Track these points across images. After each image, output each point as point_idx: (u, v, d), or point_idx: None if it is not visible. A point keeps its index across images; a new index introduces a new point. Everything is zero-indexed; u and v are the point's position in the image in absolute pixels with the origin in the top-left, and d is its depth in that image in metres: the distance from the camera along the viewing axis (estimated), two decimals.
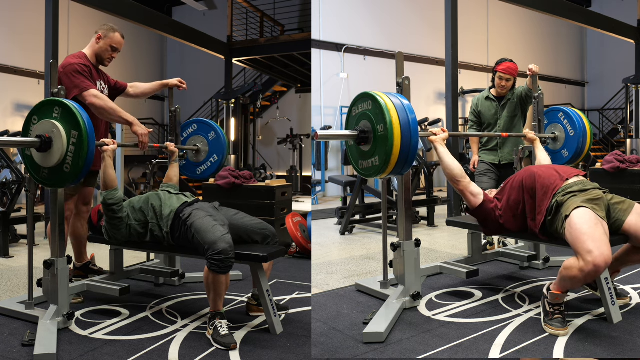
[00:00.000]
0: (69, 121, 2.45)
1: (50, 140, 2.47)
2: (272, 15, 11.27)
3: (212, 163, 3.61)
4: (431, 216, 5.83)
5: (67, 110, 2.47)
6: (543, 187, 2.73)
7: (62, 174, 2.48)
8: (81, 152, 2.41)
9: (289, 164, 10.82)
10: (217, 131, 3.61)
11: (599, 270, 2.31)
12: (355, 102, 2.66)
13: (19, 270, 4.02)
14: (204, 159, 3.62)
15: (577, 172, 2.81)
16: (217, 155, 3.60)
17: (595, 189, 2.66)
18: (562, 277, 2.45)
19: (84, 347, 2.43)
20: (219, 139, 3.60)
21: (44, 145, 2.47)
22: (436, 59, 10.94)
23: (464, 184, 2.89)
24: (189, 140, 3.66)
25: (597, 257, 2.30)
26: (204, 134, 3.63)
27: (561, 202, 2.61)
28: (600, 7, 13.71)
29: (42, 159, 2.52)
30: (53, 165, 2.49)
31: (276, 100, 12.15)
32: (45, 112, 2.54)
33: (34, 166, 2.58)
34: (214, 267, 2.48)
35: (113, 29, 3.30)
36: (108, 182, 2.81)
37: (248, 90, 9.77)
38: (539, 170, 2.83)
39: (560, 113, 3.65)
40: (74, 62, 3.13)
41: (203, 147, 3.63)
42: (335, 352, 2.33)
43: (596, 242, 2.34)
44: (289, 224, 4.44)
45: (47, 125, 2.49)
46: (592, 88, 15.38)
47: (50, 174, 2.53)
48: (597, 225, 2.43)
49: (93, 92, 3.09)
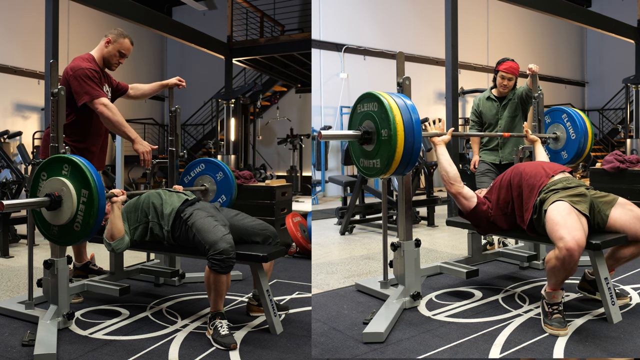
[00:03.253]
0: (78, 179, 2.42)
1: (60, 198, 2.44)
2: (272, 15, 11.27)
3: (221, 203, 3.49)
4: (431, 216, 5.83)
5: (76, 168, 2.43)
6: (529, 185, 2.78)
7: (73, 233, 2.46)
8: (92, 210, 2.38)
9: (289, 164, 10.82)
10: (225, 171, 3.52)
11: (573, 254, 2.35)
12: (361, 100, 2.67)
13: (19, 270, 4.02)
14: (212, 199, 3.53)
15: (563, 168, 2.86)
16: (226, 196, 3.52)
17: (579, 186, 2.70)
18: (547, 272, 2.51)
19: (84, 347, 2.43)
20: (227, 179, 3.52)
21: (53, 204, 2.44)
22: (436, 59, 10.94)
23: (458, 187, 2.91)
24: (197, 180, 3.59)
25: (568, 242, 2.35)
26: (211, 174, 3.55)
27: (543, 199, 2.67)
28: (600, 7, 13.71)
29: (52, 216, 2.49)
30: (63, 223, 2.46)
31: (276, 100, 12.15)
32: (54, 168, 2.50)
33: (44, 223, 2.55)
34: (215, 267, 2.48)
35: (123, 34, 3.26)
36: (115, 233, 2.73)
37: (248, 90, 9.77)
38: (526, 168, 2.87)
39: (564, 114, 3.65)
40: (84, 66, 3.09)
41: (211, 187, 3.55)
42: (335, 352, 2.33)
43: (567, 228, 2.40)
44: (289, 224, 4.44)
45: (57, 183, 2.45)
46: (592, 88, 15.38)
47: (60, 231, 2.51)
48: (570, 214, 2.48)
49: (103, 101, 3.06)
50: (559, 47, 14.49)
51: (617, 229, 2.64)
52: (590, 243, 2.50)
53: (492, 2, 12.04)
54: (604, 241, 2.54)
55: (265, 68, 10.56)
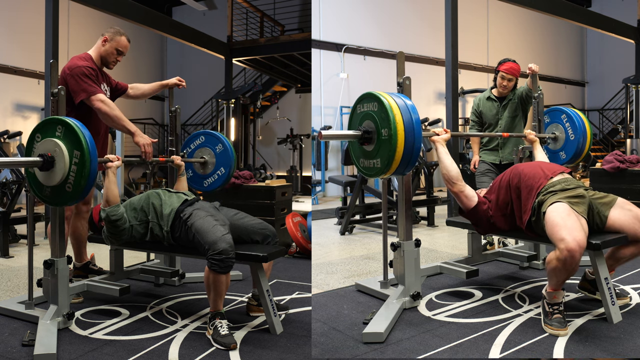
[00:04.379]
0: (71, 140, 2.43)
1: (52, 159, 2.46)
2: (272, 15, 11.27)
3: (219, 176, 3.54)
4: (431, 216, 5.83)
5: (69, 130, 2.45)
6: (527, 187, 2.78)
7: (65, 194, 2.47)
8: (83, 171, 2.40)
9: (289, 164, 10.82)
10: (225, 144, 3.54)
11: (574, 255, 2.35)
12: (361, 100, 2.67)
13: (19, 270, 4.02)
14: (211, 171, 3.56)
15: (562, 169, 2.85)
16: (225, 168, 3.54)
17: (577, 188, 2.70)
18: (548, 272, 2.50)
19: (84, 347, 2.43)
20: (226, 152, 3.53)
21: (46, 165, 2.46)
22: (436, 59, 10.94)
23: (459, 186, 2.91)
24: (196, 152, 3.61)
25: (569, 242, 2.35)
26: (211, 146, 3.57)
27: (542, 201, 2.67)
28: (600, 7, 13.71)
29: (45, 177, 2.51)
30: (55, 184, 2.48)
31: (276, 100, 12.15)
32: (48, 130, 2.52)
33: (37, 184, 2.57)
34: (214, 267, 2.48)
35: (119, 32, 3.29)
36: (111, 199, 2.77)
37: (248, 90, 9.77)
38: (525, 169, 2.87)
39: (564, 115, 3.64)
40: (81, 64, 3.12)
41: (210, 160, 3.56)
42: (335, 352, 2.33)
43: (567, 229, 2.40)
44: (289, 224, 4.44)
45: (50, 144, 2.47)
46: (592, 88, 15.39)
47: (52, 192, 2.52)
48: (570, 215, 2.49)
49: (100, 97, 3.09)
50: (559, 47, 14.49)
51: (616, 230, 2.64)
52: (590, 243, 2.50)
53: (492, 2, 12.04)
54: (604, 241, 2.54)
55: (265, 68, 10.56)
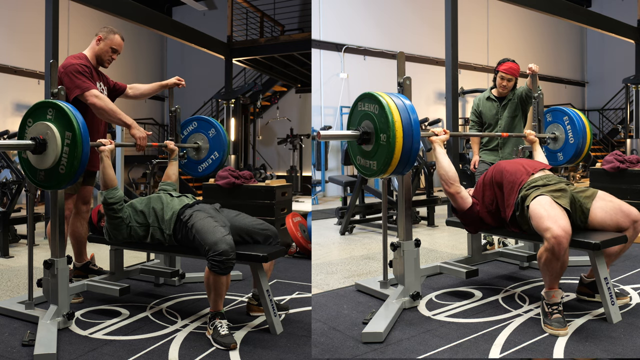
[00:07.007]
0: (62, 122, 2.46)
1: (44, 142, 2.47)
2: (272, 15, 11.26)
3: (213, 160, 3.60)
4: (431, 216, 5.83)
5: (60, 112, 2.47)
6: (509, 183, 2.84)
7: (58, 176, 2.49)
8: (75, 152, 2.42)
9: (289, 164, 10.82)
10: (218, 128, 3.59)
11: (561, 241, 2.39)
12: (362, 98, 2.67)
13: (19, 270, 4.02)
14: (205, 156, 3.61)
15: (543, 166, 2.94)
16: (218, 153, 3.59)
17: (559, 182, 2.75)
18: (541, 269, 2.54)
19: (84, 347, 2.43)
20: (219, 136, 3.59)
21: (38, 147, 2.48)
22: (436, 59, 10.93)
23: (456, 187, 2.94)
24: (190, 137, 3.65)
25: (555, 230, 2.40)
26: (204, 132, 3.62)
27: (525, 195, 2.72)
28: (600, 7, 13.71)
29: (38, 161, 2.53)
30: (48, 166, 2.49)
31: (276, 100, 12.15)
32: (39, 114, 2.54)
33: (31, 169, 2.59)
34: (214, 268, 2.48)
35: (113, 31, 3.34)
36: (107, 182, 2.82)
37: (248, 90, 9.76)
38: (507, 166, 2.95)
39: (566, 117, 3.63)
40: (75, 62, 3.16)
41: (204, 145, 3.62)
42: (335, 352, 2.33)
43: (552, 219, 2.46)
44: (289, 224, 4.44)
45: (41, 127, 2.49)
46: (592, 88, 15.38)
47: (46, 175, 2.54)
48: (553, 206, 2.54)
49: (94, 92, 3.12)
50: (559, 47, 14.49)
51: (598, 221, 2.69)
52: (590, 243, 2.51)
53: (492, 2, 12.04)
54: (604, 241, 2.54)
55: (265, 68, 10.56)
